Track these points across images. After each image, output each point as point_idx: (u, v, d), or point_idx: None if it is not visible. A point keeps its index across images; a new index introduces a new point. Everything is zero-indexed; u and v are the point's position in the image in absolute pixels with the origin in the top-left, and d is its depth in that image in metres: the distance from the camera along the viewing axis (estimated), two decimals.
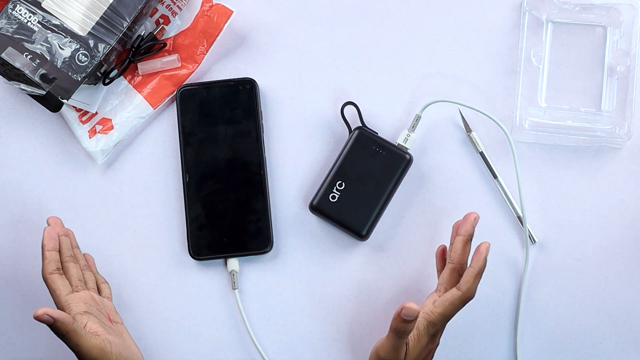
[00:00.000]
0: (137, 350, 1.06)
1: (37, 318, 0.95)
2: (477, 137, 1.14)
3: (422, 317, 1.02)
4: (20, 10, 1.09)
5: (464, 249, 1.04)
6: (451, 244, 1.06)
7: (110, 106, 1.15)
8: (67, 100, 1.09)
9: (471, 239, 1.04)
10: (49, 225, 1.09)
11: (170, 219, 1.15)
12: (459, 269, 1.04)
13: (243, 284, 1.15)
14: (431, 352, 1.05)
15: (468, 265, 1.03)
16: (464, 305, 1.02)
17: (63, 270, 1.06)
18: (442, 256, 1.08)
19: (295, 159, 1.15)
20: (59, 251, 1.07)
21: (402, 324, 0.98)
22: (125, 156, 1.16)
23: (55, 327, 0.96)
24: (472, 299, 1.02)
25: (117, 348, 1.01)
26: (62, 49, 1.09)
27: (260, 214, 1.13)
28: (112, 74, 1.13)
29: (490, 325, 1.14)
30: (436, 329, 1.02)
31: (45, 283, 1.05)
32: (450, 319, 1.03)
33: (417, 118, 1.13)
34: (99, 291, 1.10)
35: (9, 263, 1.15)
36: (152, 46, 1.14)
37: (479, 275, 1.02)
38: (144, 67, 1.15)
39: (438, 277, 1.07)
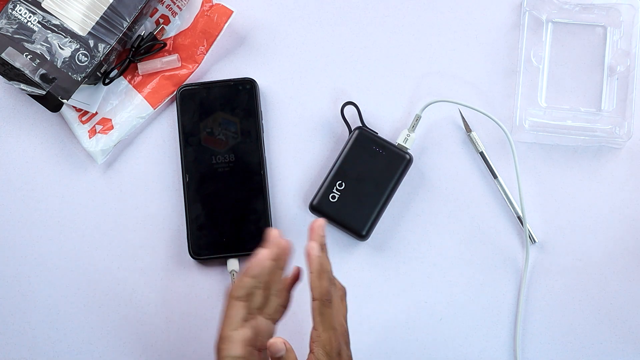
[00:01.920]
0: None
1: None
2: (477, 137, 1.14)
3: (315, 346, 0.97)
4: (20, 10, 1.09)
5: (319, 279, 0.97)
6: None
7: (110, 106, 1.15)
8: (67, 100, 1.09)
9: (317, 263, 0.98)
10: (271, 242, 0.99)
11: (170, 219, 1.15)
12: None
13: None
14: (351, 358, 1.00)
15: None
16: (339, 305, 0.98)
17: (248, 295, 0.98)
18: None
19: (295, 159, 1.15)
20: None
21: None
22: (125, 156, 1.16)
23: None
24: (331, 297, 0.96)
25: None
26: (62, 49, 1.09)
27: (260, 214, 1.13)
28: (112, 74, 1.13)
29: (490, 325, 1.14)
30: (336, 344, 0.97)
31: (226, 302, 0.99)
32: (340, 327, 0.98)
33: (417, 118, 1.13)
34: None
35: (9, 263, 1.15)
36: (152, 46, 1.14)
37: (319, 275, 0.96)
38: (144, 67, 1.15)
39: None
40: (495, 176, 1.14)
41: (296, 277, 1.02)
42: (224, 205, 1.14)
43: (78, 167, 1.16)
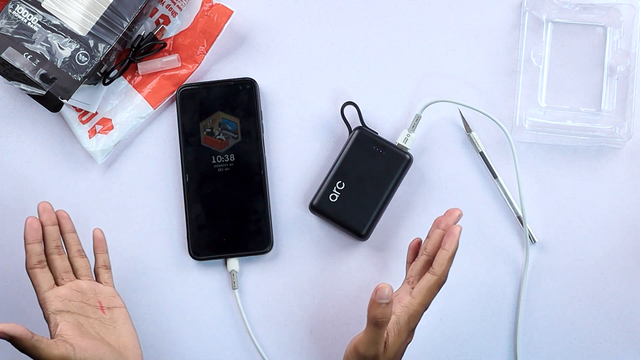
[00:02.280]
0: (129, 340, 1.04)
1: None
2: (477, 137, 1.14)
3: (401, 311, 1.00)
4: (20, 10, 1.09)
5: (441, 242, 1.02)
6: (428, 237, 1.04)
7: (110, 106, 1.15)
8: (67, 100, 1.09)
9: None
10: (38, 212, 1.06)
11: (170, 219, 1.15)
12: (432, 261, 1.02)
13: (243, 284, 1.15)
14: (406, 346, 1.02)
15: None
16: (439, 291, 1.01)
17: (48, 262, 1.04)
18: (416, 249, 1.06)
19: (295, 159, 1.15)
20: (45, 242, 1.05)
21: (379, 311, 0.95)
22: (125, 156, 1.16)
23: (13, 343, 0.95)
24: (445, 282, 1.01)
25: (83, 353, 0.98)
26: (62, 49, 1.09)
27: (260, 214, 1.13)
28: (112, 74, 1.13)
29: (490, 325, 1.14)
30: (417, 321, 1.00)
31: (29, 277, 1.04)
32: (427, 308, 1.01)
33: (417, 118, 1.13)
34: (96, 276, 1.07)
35: (9, 263, 1.15)
36: (152, 46, 1.14)
37: (451, 258, 1.00)
38: (144, 67, 1.15)
39: (406, 270, 1.05)
40: (495, 176, 1.14)
41: (99, 240, 1.08)
42: (224, 205, 1.14)
43: (78, 167, 1.16)
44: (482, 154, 1.14)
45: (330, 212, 1.12)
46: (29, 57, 1.09)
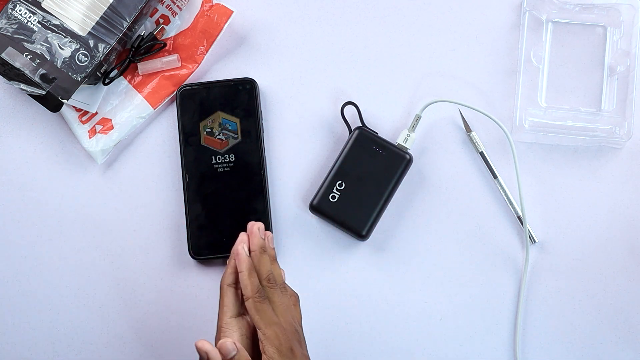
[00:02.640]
0: None
1: (197, 348, 0.95)
2: (477, 137, 1.14)
3: (265, 345, 0.97)
4: (20, 10, 1.09)
5: (249, 277, 1.00)
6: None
7: (110, 106, 1.15)
8: (67, 100, 1.09)
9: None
10: (251, 236, 1.02)
11: (170, 219, 1.15)
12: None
13: None
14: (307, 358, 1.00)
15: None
16: (264, 303, 0.98)
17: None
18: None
19: (295, 159, 1.15)
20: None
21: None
22: (125, 156, 1.16)
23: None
24: (262, 294, 0.98)
25: None
26: (62, 49, 1.09)
27: (260, 214, 1.13)
28: (112, 74, 1.13)
29: (490, 325, 1.14)
30: (282, 340, 0.97)
31: (220, 292, 1.01)
32: (289, 325, 0.99)
33: (417, 118, 1.13)
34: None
35: (9, 263, 1.15)
36: (152, 46, 1.14)
37: (250, 272, 0.99)
38: (144, 67, 1.15)
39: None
40: (495, 176, 1.14)
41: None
42: (224, 205, 1.14)
43: (78, 167, 1.16)
44: (482, 154, 1.14)
45: (330, 212, 1.12)
46: (29, 57, 1.09)
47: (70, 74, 1.09)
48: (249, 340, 1.00)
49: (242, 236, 1.02)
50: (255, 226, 1.02)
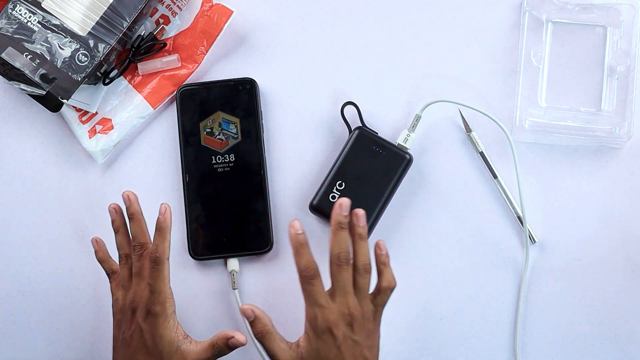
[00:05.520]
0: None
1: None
2: (477, 137, 1.14)
3: (305, 321, 1.02)
4: (20, 10, 1.09)
5: (298, 256, 1.02)
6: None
7: (110, 106, 1.15)
8: (67, 100, 1.09)
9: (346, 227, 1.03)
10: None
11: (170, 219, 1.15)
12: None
13: (243, 284, 1.15)
14: (356, 344, 1.02)
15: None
16: (311, 284, 1.01)
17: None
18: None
19: (295, 159, 1.15)
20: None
21: (251, 330, 1.03)
22: (125, 156, 1.16)
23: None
24: (311, 274, 1.01)
25: None
26: (62, 49, 1.09)
27: (260, 214, 1.13)
28: (112, 74, 1.13)
29: (490, 325, 1.14)
30: (319, 321, 1.00)
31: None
32: (329, 304, 1.01)
33: (417, 118, 1.13)
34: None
35: (9, 263, 1.15)
36: (152, 46, 1.14)
37: (298, 251, 1.01)
38: (144, 67, 1.15)
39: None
40: (495, 176, 1.14)
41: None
42: (224, 205, 1.14)
43: (78, 167, 1.16)
44: (482, 154, 1.14)
45: (330, 212, 1.12)
46: (29, 57, 1.09)
47: (70, 74, 1.09)
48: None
49: (295, 221, 1.03)
50: (338, 204, 1.03)
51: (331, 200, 1.12)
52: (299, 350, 1.02)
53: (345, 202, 1.02)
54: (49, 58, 1.09)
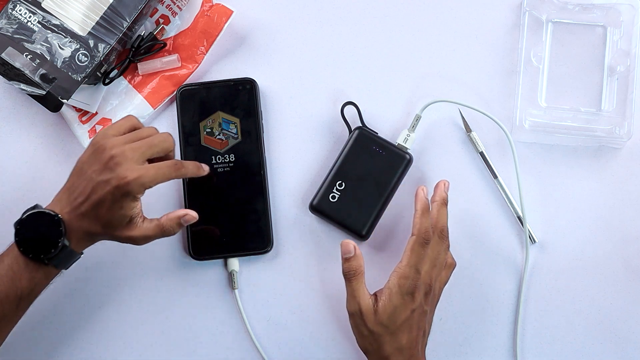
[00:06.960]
0: None
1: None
2: (477, 137, 1.14)
3: (392, 274, 1.05)
4: (20, 10, 1.09)
5: (421, 217, 1.06)
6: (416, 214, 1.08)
7: (110, 106, 1.15)
8: (67, 100, 1.09)
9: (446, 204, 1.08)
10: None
11: None
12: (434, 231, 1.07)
13: (243, 284, 1.15)
14: (418, 312, 1.05)
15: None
16: (424, 248, 1.04)
17: None
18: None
19: (295, 159, 1.15)
20: None
21: (345, 265, 1.05)
22: None
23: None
24: (428, 239, 1.05)
25: None
26: (62, 49, 1.09)
27: (260, 214, 1.13)
28: (112, 74, 1.13)
29: (490, 325, 1.14)
30: (408, 282, 1.04)
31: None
32: (427, 277, 1.05)
33: (417, 118, 1.13)
34: None
35: None
36: (152, 46, 1.14)
37: (422, 215, 1.06)
38: (144, 67, 1.15)
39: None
40: (495, 176, 1.14)
41: None
42: (224, 205, 1.14)
43: None
44: (482, 154, 1.14)
45: (330, 212, 1.12)
46: (29, 57, 1.09)
47: (70, 74, 1.09)
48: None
49: (424, 187, 1.09)
50: (442, 182, 1.08)
51: (331, 200, 1.12)
52: (376, 301, 1.04)
53: (447, 183, 1.09)
54: (49, 58, 1.09)
